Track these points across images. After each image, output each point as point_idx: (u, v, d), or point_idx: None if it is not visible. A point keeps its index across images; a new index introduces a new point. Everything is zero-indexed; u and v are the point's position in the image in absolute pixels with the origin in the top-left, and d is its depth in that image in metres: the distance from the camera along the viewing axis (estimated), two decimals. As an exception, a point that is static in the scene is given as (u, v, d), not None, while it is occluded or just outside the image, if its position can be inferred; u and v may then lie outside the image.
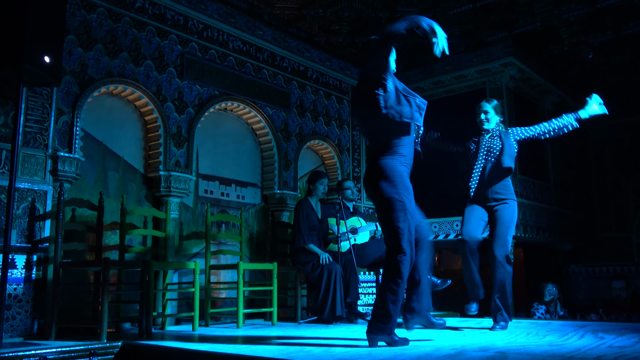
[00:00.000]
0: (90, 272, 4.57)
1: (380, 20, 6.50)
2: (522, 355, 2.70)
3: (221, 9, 5.84)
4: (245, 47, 6.10)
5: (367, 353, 2.85)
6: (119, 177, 4.99)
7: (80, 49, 4.64)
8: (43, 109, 4.35)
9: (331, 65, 7.22)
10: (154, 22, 5.23)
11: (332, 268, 4.99)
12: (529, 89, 7.92)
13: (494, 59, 7.15)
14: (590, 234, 9.59)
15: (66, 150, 4.43)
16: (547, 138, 4.34)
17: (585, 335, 3.54)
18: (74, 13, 4.61)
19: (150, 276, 4.14)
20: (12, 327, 3.96)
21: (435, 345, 3.13)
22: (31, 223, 4.19)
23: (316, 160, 7.13)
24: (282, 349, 3.10)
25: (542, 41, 7.25)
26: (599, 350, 2.79)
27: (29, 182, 4.20)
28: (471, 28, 6.83)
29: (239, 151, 6.14)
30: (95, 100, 4.81)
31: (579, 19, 6.56)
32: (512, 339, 3.41)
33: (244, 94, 5.98)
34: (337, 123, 7.21)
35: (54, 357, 3.21)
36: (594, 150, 10.11)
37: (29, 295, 4.09)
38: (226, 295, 5.65)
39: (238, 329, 4.55)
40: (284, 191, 6.23)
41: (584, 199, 9.59)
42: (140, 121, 5.24)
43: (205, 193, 5.68)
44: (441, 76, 7.58)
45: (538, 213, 7.69)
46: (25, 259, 4.12)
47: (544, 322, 4.91)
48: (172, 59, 5.35)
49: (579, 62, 7.95)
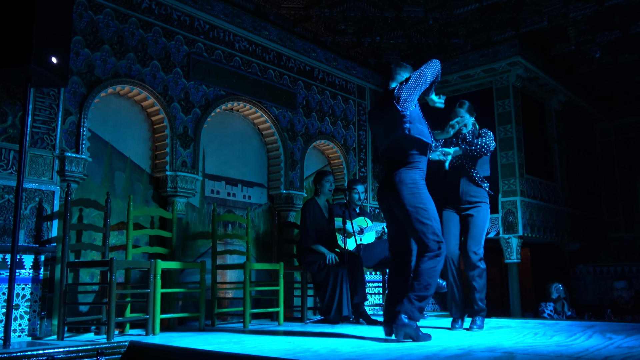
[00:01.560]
0: (98, 272, 4.59)
1: (387, 20, 6.49)
2: (529, 355, 2.69)
3: (227, 10, 5.85)
4: (252, 47, 6.11)
5: (374, 353, 2.85)
6: (126, 177, 5.01)
7: (87, 50, 4.66)
8: (50, 109, 4.37)
9: (337, 65, 7.22)
10: (160, 23, 5.25)
11: (338, 268, 4.99)
12: (535, 88, 7.88)
13: (500, 58, 7.13)
14: (598, 234, 9.54)
15: (73, 150, 4.45)
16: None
17: (593, 335, 3.52)
18: (80, 14, 4.63)
19: (156, 276, 4.16)
20: (20, 327, 3.98)
21: (442, 346, 3.12)
22: (39, 223, 4.21)
23: (322, 160, 7.13)
24: (288, 349, 3.10)
25: (549, 40, 7.21)
26: (607, 351, 2.78)
27: (37, 183, 4.22)
28: (477, 27, 6.80)
29: (245, 151, 6.14)
30: (102, 100, 4.83)
31: (587, 18, 6.52)
32: (520, 339, 3.40)
33: (250, 94, 5.99)
34: (343, 123, 7.20)
35: (61, 356, 3.22)
36: (601, 150, 10.06)
37: (37, 294, 4.11)
38: (233, 295, 5.65)
39: (244, 329, 4.56)
40: (290, 191, 6.23)
41: (592, 199, 9.54)
42: (147, 121, 5.26)
43: (211, 193, 5.69)
44: (447, 76, 7.56)
45: (545, 213, 7.65)
46: (33, 259, 4.14)
47: (552, 322, 4.89)
48: (178, 59, 5.36)
49: (586, 61, 7.90)
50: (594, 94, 9.35)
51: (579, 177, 9.14)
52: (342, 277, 4.96)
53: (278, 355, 2.81)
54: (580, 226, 8.81)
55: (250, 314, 4.80)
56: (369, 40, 6.99)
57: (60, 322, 3.90)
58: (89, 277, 4.58)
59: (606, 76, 8.55)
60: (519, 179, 7.04)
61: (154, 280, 4.14)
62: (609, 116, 9.87)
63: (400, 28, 6.71)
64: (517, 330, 4.00)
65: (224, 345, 3.30)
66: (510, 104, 7.21)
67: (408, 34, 6.87)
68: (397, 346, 3.14)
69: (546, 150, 8.30)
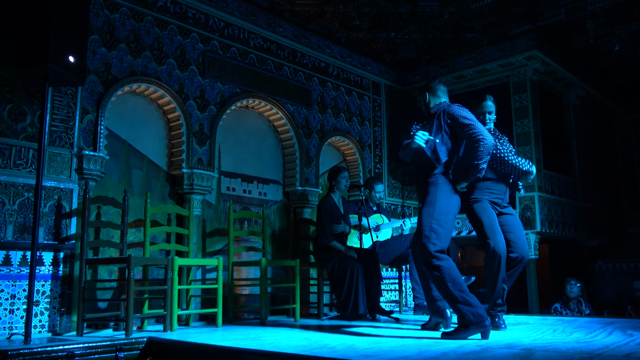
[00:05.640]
0: (116, 269, 4.64)
1: (402, 15, 6.45)
2: (548, 352, 2.65)
3: (242, 7, 5.86)
4: (266, 45, 6.11)
5: (390, 349, 2.84)
6: (143, 175, 5.04)
7: (104, 49, 4.69)
8: (68, 108, 4.42)
9: (352, 62, 7.20)
10: (175, 21, 5.27)
11: (354, 265, 4.98)
12: (553, 83, 7.78)
13: (517, 52, 7.04)
14: (618, 230, 9.40)
15: (91, 148, 4.49)
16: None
17: (614, 332, 3.47)
18: (97, 13, 4.67)
19: (174, 273, 4.18)
20: (40, 323, 4.04)
21: (460, 342, 3.10)
22: (57, 221, 4.26)
23: (337, 156, 7.11)
24: (305, 345, 3.10)
25: (567, 33, 7.11)
26: (628, 348, 2.74)
27: (55, 181, 4.27)
28: (494, 21, 6.73)
29: (261, 148, 6.15)
30: (119, 99, 4.87)
31: (605, 10, 6.41)
32: (539, 336, 3.36)
33: (265, 91, 6.00)
34: (359, 119, 7.18)
35: (81, 352, 3.26)
36: (620, 144, 9.91)
37: (56, 291, 4.17)
38: (249, 292, 5.67)
39: (261, 325, 4.57)
40: (305, 188, 6.23)
41: (611, 194, 9.40)
42: (163, 119, 5.29)
43: (227, 190, 5.71)
44: (463, 70, 7.49)
45: (564, 208, 7.57)
46: (52, 256, 4.19)
47: (571, 318, 4.83)
48: (193, 57, 5.38)
49: (605, 54, 7.78)
50: (613, 87, 9.21)
51: (598, 171, 9.02)
52: (358, 274, 4.95)
53: (295, 351, 2.81)
54: (599, 222, 8.69)
55: (267, 310, 4.81)
56: (384, 35, 6.96)
57: (80, 318, 3.95)
58: (107, 274, 4.63)
59: (625, 69, 8.42)
60: (537, 174, 6.96)
61: (171, 276, 4.17)
62: (628, 110, 9.72)
63: (416, 23, 6.67)
64: (536, 327, 3.96)
65: (241, 342, 3.32)
66: (527, 99, 7.13)
67: (423, 29, 6.83)
68: (414, 342, 3.13)
69: (564, 145, 8.19)
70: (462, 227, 7.33)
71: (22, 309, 3.96)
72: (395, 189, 7.57)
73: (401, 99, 8.00)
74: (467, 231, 7.26)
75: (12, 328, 3.88)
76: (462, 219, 7.28)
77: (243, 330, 4.11)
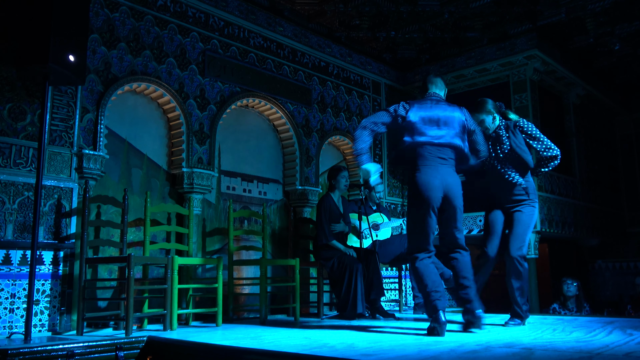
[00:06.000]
0: (116, 268, 4.64)
1: (402, 15, 6.45)
2: (548, 351, 2.65)
3: (242, 6, 5.86)
4: (266, 44, 6.11)
5: (390, 348, 2.84)
6: (143, 174, 5.04)
7: (104, 48, 4.69)
8: (68, 107, 4.42)
9: (352, 61, 7.19)
10: (175, 20, 5.27)
11: (354, 265, 4.98)
12: (553, 82, 7.78)
13: (517, 51, 7.04)
14: (618, 229, 9.41)
15: (91, 148, 4.49)
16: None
17: (614, 331, 3.47)
18: (97, 12, 4.67)
19: (174, 272, 4.19)
20: (40, 322, 4.04)
21: (460, 341, 3.10)
22: (57, 220, 4.26)
23: (337, 155, 7.11)
24: (305, 344, 3.10)
25: (567, 33, 7.10)
26: (627, 347, 2.74)
27: (55, 180, 4.28)
28: (494, 20, 6.73)
29: (261, 147, 6.15)
30: (119, 98, 4.87)
31: (605, 10, 6.41)
32: (538, 335, 3.36)
33: (265, 90, 6.00)
34: (359, 118, 7.18)
35: (81, 351, 3.25)
36: (620, 144, 9.91)
37: (56, 290, 4.17)
38: (249, 291, 5.68)
39: (261, 324, 4.57)
40: (305, 187, 6.23)
41: (611, 194, 9.40)
42: (163, 118, 5.29)
43: (227, 189, 5.71)
44: (463, 70, 7.49)
45: (563, 208, 7.56)
46: (52, 255, 4.19)
47: (571, 318, 4.84)
48: (193, 56, 5.38)
49: (605, 53, 7.78)
50: (613, 87, 9.21)
51: (598, 171, 9.02)
52: (358, 273, 4.95)
53: (295, 350, 2.81)
54: (599, 221, 8.69)
55: (267, 309, 4.82)
56: (384, 35, 6.96)
57: (80, 318, 3.95)
58: (107, 273, 4.63)
59: (625, 69, 8.41)
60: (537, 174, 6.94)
61: (171, 276, 4.17)
62: (628, 109, 9.72)
63: (416, 22, 6.66)
64: (536, 326, 3.96)
65: (241, 341, 3.32)
66: (527, 98, 7.13)
67: (423, 28, 6.82)
68: (414, 342, 3.13)
69: (564, 145, 8.18)
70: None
71: (22, 308, 3.96)
72: (395, 188, 7.57)
73: (401, 98, 7.97)
74: (467, 230, 7.26)
75: (12, 327, 3.89)
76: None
77: (243, 330, 4.11)
